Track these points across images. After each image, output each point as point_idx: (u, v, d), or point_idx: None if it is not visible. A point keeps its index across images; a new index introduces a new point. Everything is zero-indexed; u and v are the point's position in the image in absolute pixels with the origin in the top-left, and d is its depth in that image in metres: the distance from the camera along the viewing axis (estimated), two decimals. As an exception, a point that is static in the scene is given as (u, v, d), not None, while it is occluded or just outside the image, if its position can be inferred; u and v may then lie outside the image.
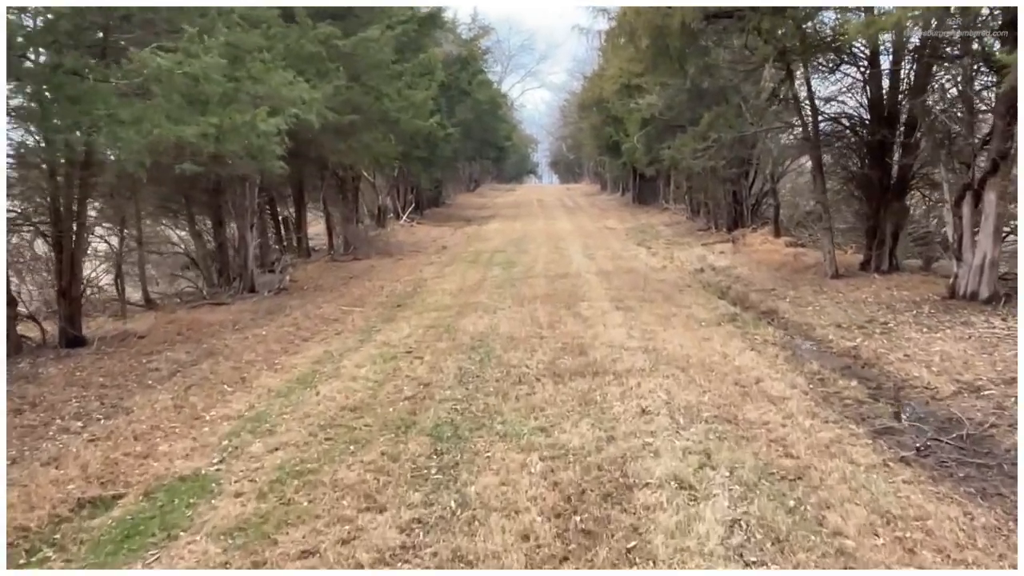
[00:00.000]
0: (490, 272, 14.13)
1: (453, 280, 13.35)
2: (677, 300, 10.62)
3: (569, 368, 6.73)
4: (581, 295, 10.97)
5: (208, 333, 9.35)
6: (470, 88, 23.27)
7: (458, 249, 19.28)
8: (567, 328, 8.60)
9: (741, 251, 15.98)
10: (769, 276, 12.67)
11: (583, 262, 15.14)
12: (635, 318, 9.18)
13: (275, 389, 6.82)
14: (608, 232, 23.14)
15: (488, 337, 8.31)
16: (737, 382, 6.31)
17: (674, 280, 12.71)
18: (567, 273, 13.45)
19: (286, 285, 13.08)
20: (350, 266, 15.99)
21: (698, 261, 15.35)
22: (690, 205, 25.21)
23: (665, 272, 13.80)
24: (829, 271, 11.68)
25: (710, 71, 12.53)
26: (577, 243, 19.35)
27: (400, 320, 9.83)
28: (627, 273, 13.42)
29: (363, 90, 11.63)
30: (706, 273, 13.78)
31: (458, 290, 12.09)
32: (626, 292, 11.22)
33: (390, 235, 22.57)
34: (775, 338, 8.20)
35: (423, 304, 10.98)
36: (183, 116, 6.10)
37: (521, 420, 5.35)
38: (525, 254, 16.93)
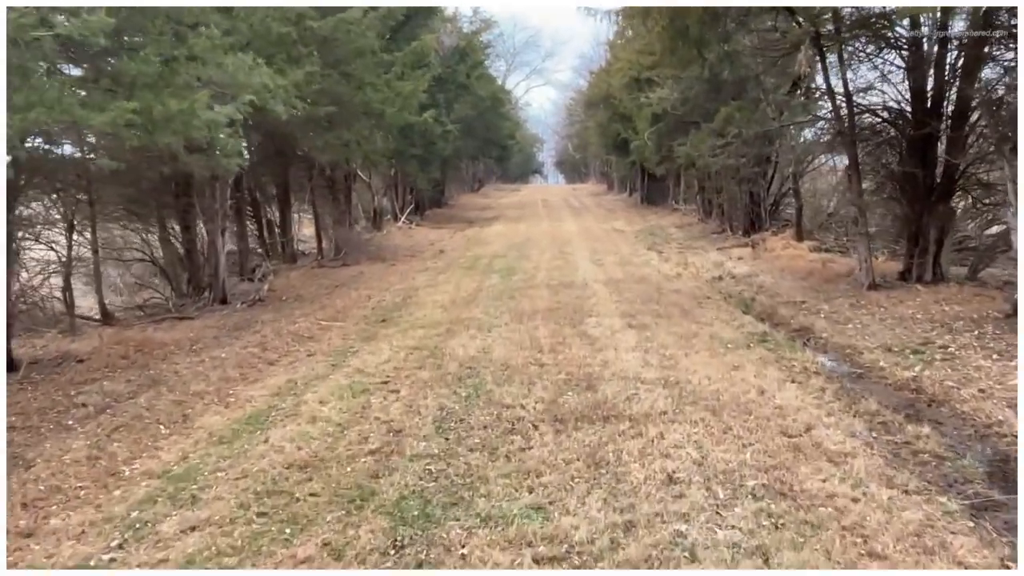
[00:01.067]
0: (488, 281, 12.89)
1: (447, 290, 12.12)
2: (696, 315, 9.37)
3: (574, 410, 5.50)
4: (588, 309, 9.74)
5: (159, 356, 8.15)
6: (469, 82, 21.97)
7: (456, 254, 18.06)
8: (572, 352, 7.36)
9: (761, 257, 14.72)
10: (796, 286, 11.40)
11: (590, 269, 13.90)
12: (651, 339, 7.94)
13: (218, 432, 5.61)
14: (616, 235, 21.89)
15: (479, 364, 7.08)
16: (783, 430, 5.06)
17: (691, 290, 11.46)
18: (572, 282, 12.21)
19: (263, 295, 11.88)
20: (337, 273, 14.78)
21: (715, 268, 14.10)
22: (702, 206, 23.94)
23: (680, 281, 12.55)
24: (865, 281, 10.42)
25: (731, 59, 11.30)
26: (583, 247, 18.11)
27: (381, 339, 8.61)
28: (638, 282, 12.17)
29: (342, 78, 10.40)
30: (725, 282, 12.52)
31: (451, 302, 10.86)
32: (638, 306, 9.97)
33: (385, 238, 21.38)
34: (816, 366, 6.95)
35: (410, 319, 9.76)
36: (94, 99, 4.89)
37: (511, 492, 4.12)
38: (527, 260, 15.69)
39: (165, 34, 5.89)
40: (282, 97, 7.95)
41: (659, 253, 17.01)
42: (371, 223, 23.03)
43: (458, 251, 18.63)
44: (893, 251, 13.52)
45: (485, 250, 18.31)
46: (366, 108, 11.21)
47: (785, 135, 12.58)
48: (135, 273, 12.41)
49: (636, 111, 19.92)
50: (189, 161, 6.98)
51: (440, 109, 18.23)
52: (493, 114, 28.07)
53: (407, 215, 25.94)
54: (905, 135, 10.23)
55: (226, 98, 7.05)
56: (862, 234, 10.43)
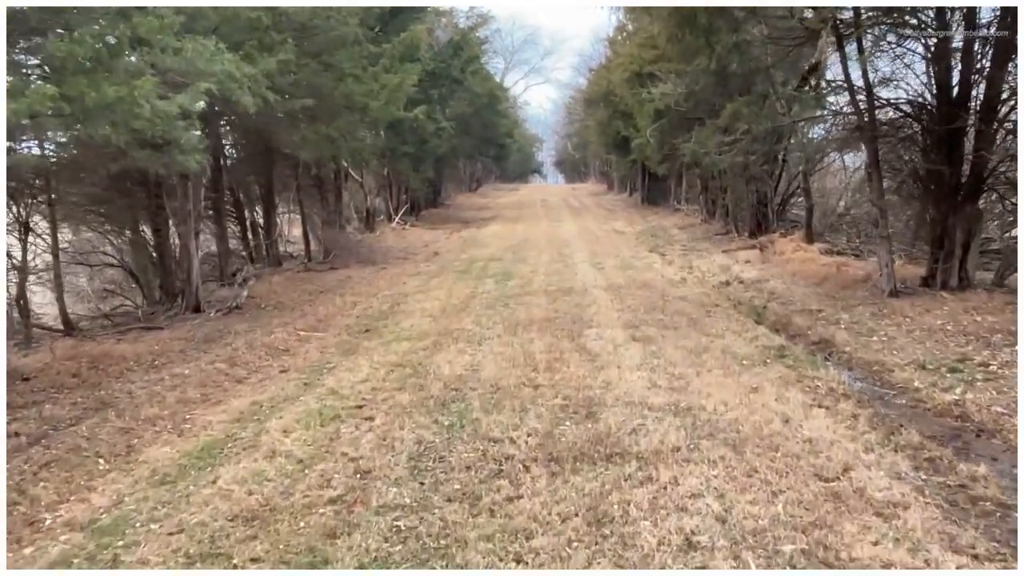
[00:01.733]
0: (482, 286, 12.14)
1: (438, 296, 11.37)
2: (706, 326, 8.62)
3: (572, 445, 4.74)
4: (588, 319, 8.98)
5: (114, 373, 7.40)
6: (463, 76, 21.15)
7: (450, 256, 17.30)
8: (570, 371, 6.61)
9: (770, 260, 13.96)
10: (811, 292, 10.66)
11: (590, 274, 13.14)
12: (657, 354, 7.19)
13: (164, 469, 4.88)
14: (616, 236, 21.13)
15: (466, 385, 6.33)
16: (818, 471, 4.31)
17: (697, 297, 10.71)
18: (571, 288, 11.45)
19: (241, 302, 11.12)
20: (324, 277, 14.03)
21: (721, 272, 13.36)
22: (705, 206, 23.19)
23: (685, 287, 11.79)
24: (886, 288, 9.67)
25: (740, 49, 10.54)
26: (583, 249, 17.35)
27: (362, 353, 7.86)
28: (641, 288, 11.41)
29: (321, 69, 9.61)
30: (733, 287, 11.77)
31: (440, 311, 10.11)
32: (642, 315, 9.22)
33: (378, 239, 20.62)
34: (844, 386, 6.19)
35: (396, 330, 9.01)
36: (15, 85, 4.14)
37: (493, 561, 3.37)
38: (524, 263, 14.94)
39: (106, 12, 5.13)
40: (251, 88, 7.19)
41: (662, 256, 16.26)
42: (364, 224, 22.29)
43: (453, 253, 17.88)
44: (910, 254, 12.79)
45: (481, 252, 17.56)
46: (348, 101, 10.42)
47: (796, 131, 11.81)
48: (107, 279, 11.65)
49: (637, 108, 19.17)
50: (140, 157, 6.24)
51: (433, 105, 17.48)
52: (490, 111, 27.26)
53: (401, 215, 25.18)
54: (929, 130, 9.47)
55: (185, 87, 6.30)
56: (883, 237, 9.67)
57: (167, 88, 6.21)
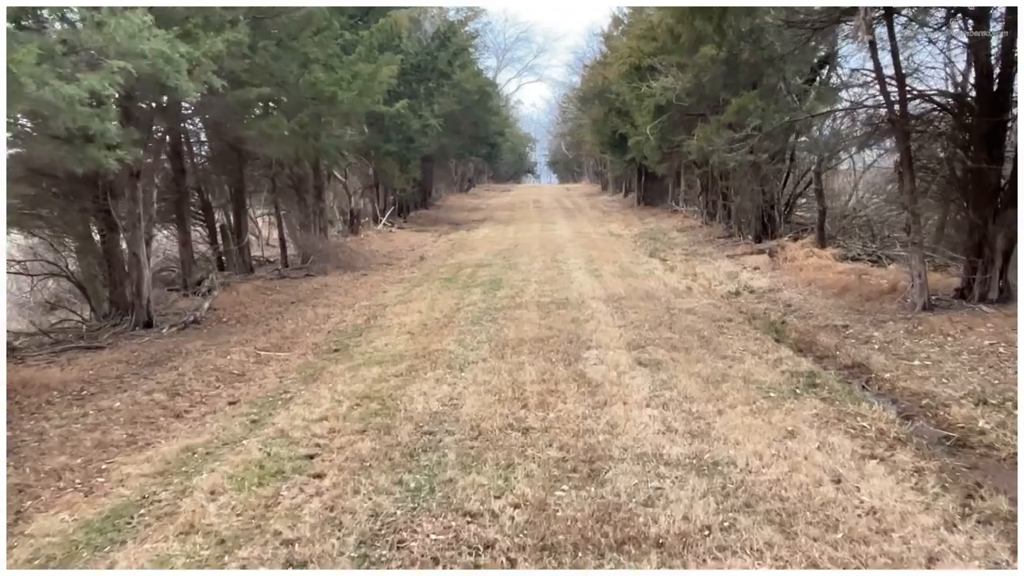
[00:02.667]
0: (468, 296, 11.06)
1: (419, 309, 10.29)
2: (720, 346, 7.57)
3: (572, 524, 3.67)
4: (586, 338, 7.92)
5: (30, 407, 6.30)
6: (451, 70, 20.02)
7: (437, 261, 16.23)
8: (567, 408, 5.55)
9: (781, 266, 12.93)
10: (832, 305, 9.63)
11: (587, 282, 12.08)
12: (669, 384, 6.13)
13: (47, 550, 3.82)
14: (613, 240, 20.08)
15: (442, 427, 5.26)
16: (895, 561, 3.27)
17: (706, 310, 9.66)
18: (567, 300, 10.39)
19: (201, 315, 10.03)
20: (298, 285, 12.93)
21: (729, 280, 12.32)
22: (706, 208, 22.16)
23: (692, 297, 10.75)
24: (919, 301, 8.64)
25: (753, 35, 9.50)
26: (578, 254, 16.29)
27: (326, 380, 6.80)
28: (644, 299, 10.36)
29: (281, 53, 8.48)
30: (744, 298, 10.72)
31: (421, 326, 9.03)
32: (647, 332, 8.17)
33: (361, 243, 19.54)
34: (896, 427, 5.15)
35: (368, 350, 7.94)
36: None
37: None
38: (515, 270, 13.87)
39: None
40: (192, 72, 6.10)
41: (663, 261, 15.22)
42: (348, 226, 21.19)
43: (440, 258, 16.80)
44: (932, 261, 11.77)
45: (469, 257, 16.48)
46: (315, 92, 9.30)
47: (810, 127, 10.78)
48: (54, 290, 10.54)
49: (636, 104, 18.13)
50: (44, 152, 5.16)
51: (419, 101, 16.40)
52: (480, 109, 26.14)
53: (388, 217, 24.09)
54: (967, 125, 8.45)
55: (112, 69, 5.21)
56: (915, 244, 8.64)
57: (86, 69, 5.15)
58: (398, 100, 14.58)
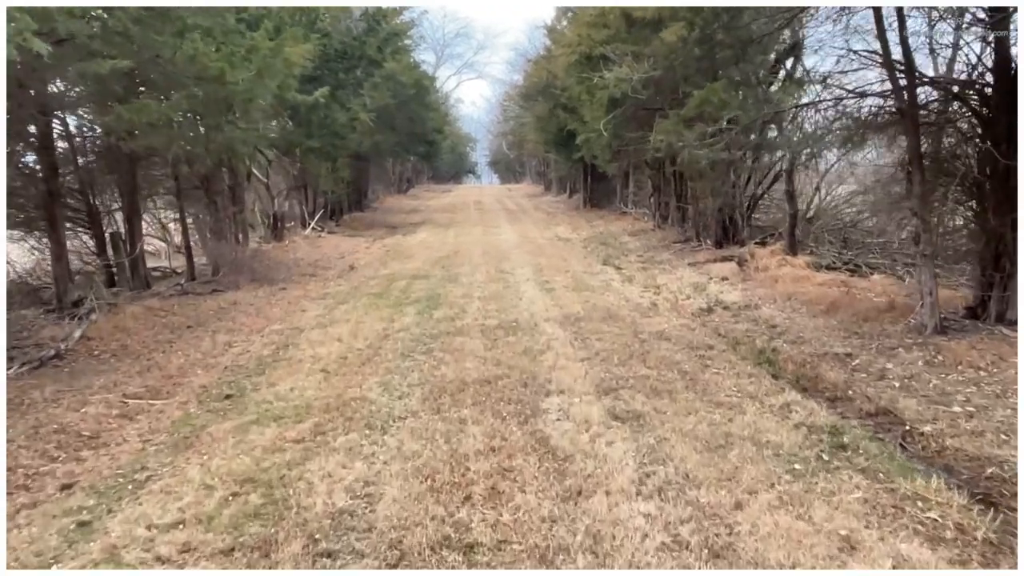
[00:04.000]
0: (400, 318, 9.39)
1: (340, 334, 8.58)
2: (710, 387, 6.11)
3: None
4: (544, 378, 6.36)
5: None
6: (381, 57, 18.15)
7: (368, 271, 14.47)
8: (527, 502, 3.96)
9: (753, 277, 11.62)
10: (824, 326, 8.30)
11: (538, 298, 10.54)
12: (661, 454, 4.62)
13: None
14: (562, 245, 18.61)
15: (346, 541, 3.62)
16: None
17: (680, 333, 8.22)
18: (516, 322, 8.82)
19: (68, 347, 8.12)
20: (201, 304, 11.03)
21: (696, 293, 10.93)
22: (658, 210, 20.89)
23: (659, 316, 9.31)
24: (928, 323, 7.36)
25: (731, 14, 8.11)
26: (525, 263, 14.74)
27: (200, 450, 5.07)
28: (606, 320, 8.87)
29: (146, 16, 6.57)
30: (719, 316, 9.33)
31: (339, 361, 7.33)
32: (617, 368, 6.66)
33: (285, 251, 17.61)
34: (978, 521, 3.74)
35: (267, 399, 6.21)
36: None
37: None
38: (455, 283, 12.23)
39: None
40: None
41: (618, 270, 13.80)
42: (270, 232, 19.22)
43: (371, 268, 15.03)
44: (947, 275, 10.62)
45: (405, 267, 14.77)
46: (198, 69, 7.45)
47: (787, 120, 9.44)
48: None
49: (586, 97, 16.68)
50: None
51: (347, 92, 14.62)
52: (417, 104, 24.37)
53: (317, 221, 22.15)
54: (988, 119, 7.19)
55: None
56: (925, 256, 7.34)
57: None
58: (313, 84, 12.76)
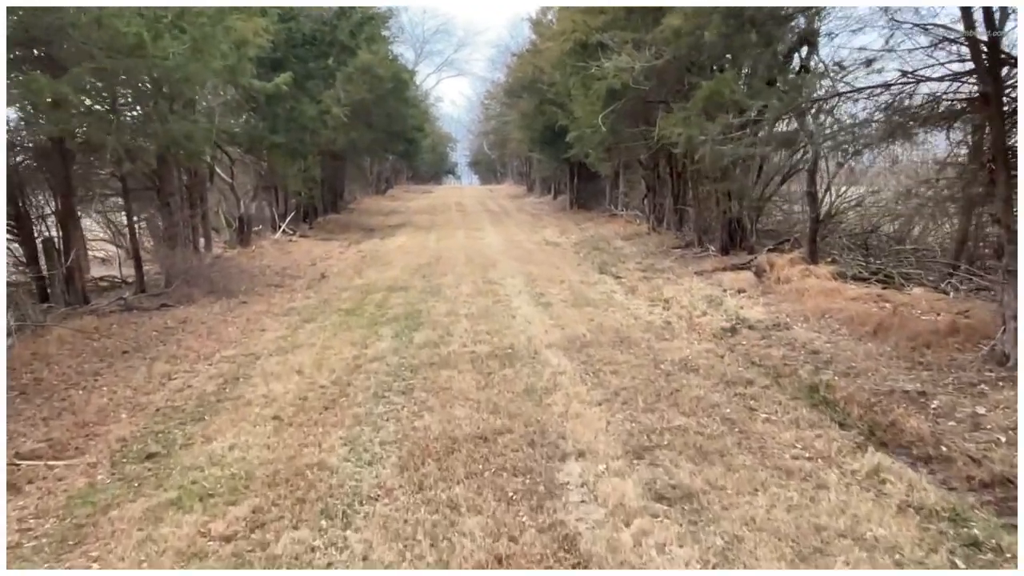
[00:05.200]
0: (374, 343, 7.98)
1: (302, 364, 7.17)
2: (767, 442, 4.79)
3: None
4: (555, 431, 5.00)
5: None
6: (354, 43, 16.60)
7: (341, 281, 13.03)
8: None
9: (775, 289, 10.33)
10: (876, 353, 7.02)
11: (534, 316, 9.19)
12: (738, 565, 3.27)
13: None
14: (552, 250, 17.26)
15: None
16: None
17: (708, 362, 6.91)
18: (512, 348, 7.45)
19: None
20: (145, 323, 9.54)
21: (713, 308, 9.62)
22: (652, 212, 19.61)
23: (678, 338, 7.99)
24: (1012, 353, 6.09)
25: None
26: (515, 271, 13.38)
27: (88, 554, 3.68)
28: (617, 345, 7.54)
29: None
30: (746, 339, 8.01)
31: (296, 403, 5.93)
32: (645, 415, 5.32)
33: (251, 257, 16.12)
34: None
35: (198, 464, 4.80)
36: None
37: None
38: (438, 296, 10.83)
39: None
40: None
41: (617, 279, 12.49)
42: (236, 236, 17.69)
43: (345, 277, 13.59)
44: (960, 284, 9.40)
45: (382, 276, 13.34)
46: (110, 37, 5.99)
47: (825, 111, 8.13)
48: None
49: (579, 90, 15.33)
50: None
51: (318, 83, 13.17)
52: (396, 99, 22.88)
53: (288, 224, 20.64)
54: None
55: None
56: (1010, 272, 6.06)
57: None
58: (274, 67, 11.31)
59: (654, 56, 11.74)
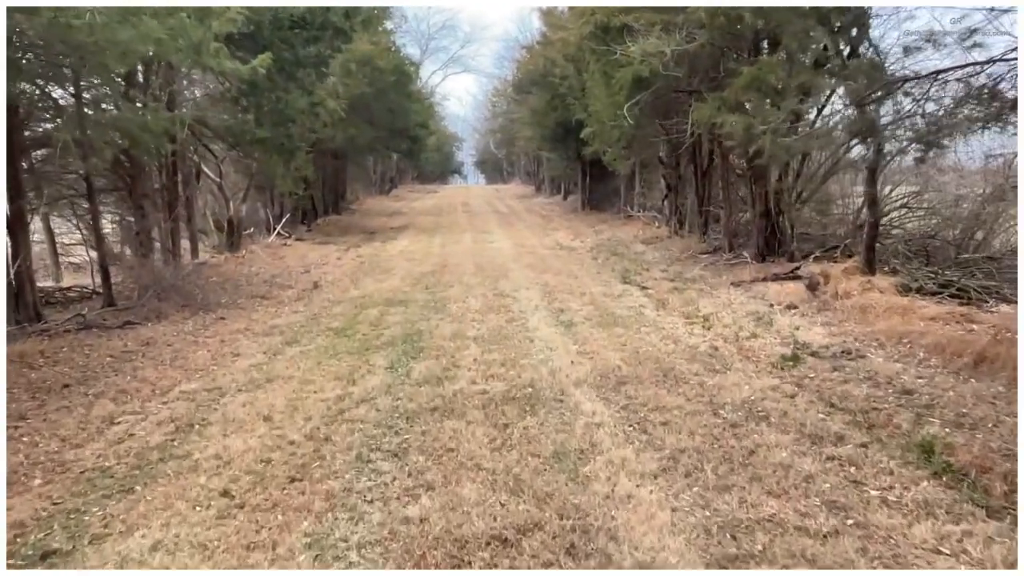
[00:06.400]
0: (363, 378, 6.61)
1: (271, 408, 5.81)
2: (901, 547, 3.41)
3: None
4: (604, 529, 3.62)
5: None
6: (348, 26, 15.16)
7: (334, 292, 11.67)
8: None
9: (833, 306, 8.92)
10: (989, 394, 5.63)
11: (556, 339, 7.81)
12: None
13: None
14: (567, 256, 15.87)
15: None
16: None
17: (776, 404, 5.52)
18: (532, 386, 6.07)
19: None
20: (100, 345, 8.18)
21: (763, 329, 8.23)
22: (674, 214, 18.19)
23: (731, 369, 6.60)
24: None
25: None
26: (530, 281, 12.01)
27: None
28: (660, 381, 6.16)
29: None
30: (813, 370, 6.60)
31: (255, 474, 4.55)
32: (718, 495, 3.95)
33: (240, 263, 14.80)
34: None
35: (108, 568, 3.43)
36: None
37: None
38: (443, 313, 9.47)
39: None
40: None
41: (643, 290, 11.11)
42: (225, 240, 16.38)
43: (339, 286, 12.23)
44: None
45: (380, 286, 11.98)
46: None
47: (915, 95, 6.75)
48: None
49: (600, 81, 13.93)
50: None
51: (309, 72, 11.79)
52: (398, 94, 21.52)
53: (283, 226, 19.32)
54: None
55: None
56: None
57: None
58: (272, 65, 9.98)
59: (686, 39, 10.40)
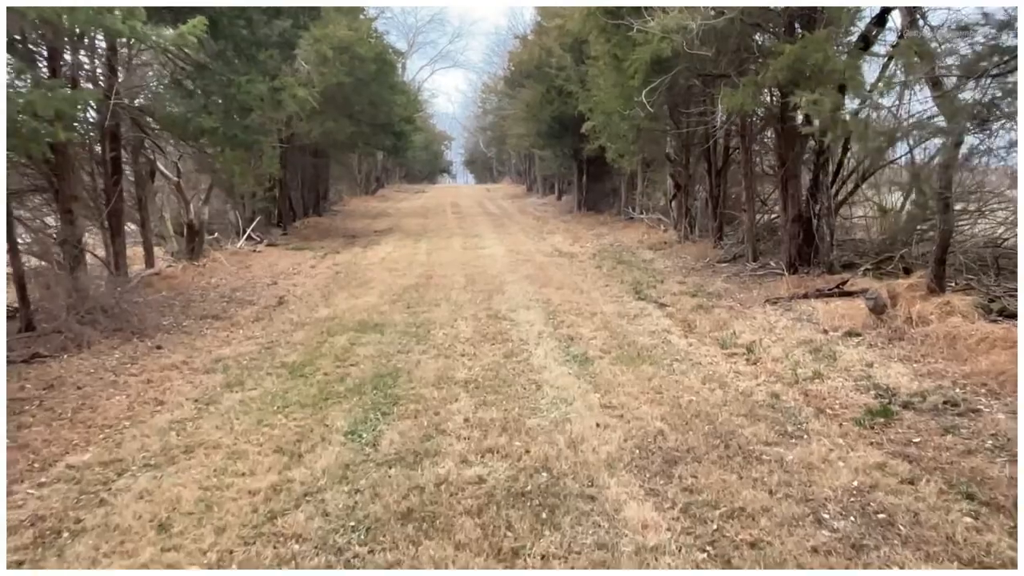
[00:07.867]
0: (314, 449, 4.89)
1: (177, 502, 4.09)
2: None
3: None
4: None
5: None
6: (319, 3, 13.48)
7: (300, 310, 9.93)
8: None
9: (907, 334, 7.24)
10: None
11: (572, 387, 6.10)
12: None
13: None
14: (569, 264, 14.16)
15: None
16: None
17: (902, 502, 3.87)
18: (549, 471, 4.37)
19: None
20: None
21: (827, 367, 6.56)
22: (684, 217, 16.52)
23: (809, 433, 4.93)
24: None
25: None
26: (530, 298, 10.31)
27: None
28: (725, 460, 4.48)
29: None
30: (919, 435, 4.93)
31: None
32: None
33: (200, 273, 13.05)
34: None
35: None
36: None
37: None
38: (426, 343, 7.75)
39: None
40: None
41: (663, 308, 9.46)
42: (185, 246, 14.60)
43: (307, 303, 10.49)
44: None
45: (353, 304, 10.24)
46: None
47: None
48: None
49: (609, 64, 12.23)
50: None
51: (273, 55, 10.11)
52: (380, 85, 19.74)
53: (253, 229, 17.55)
54: None
55: None
56: None
57: None
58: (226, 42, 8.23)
59: (713, 14, 8.76)
